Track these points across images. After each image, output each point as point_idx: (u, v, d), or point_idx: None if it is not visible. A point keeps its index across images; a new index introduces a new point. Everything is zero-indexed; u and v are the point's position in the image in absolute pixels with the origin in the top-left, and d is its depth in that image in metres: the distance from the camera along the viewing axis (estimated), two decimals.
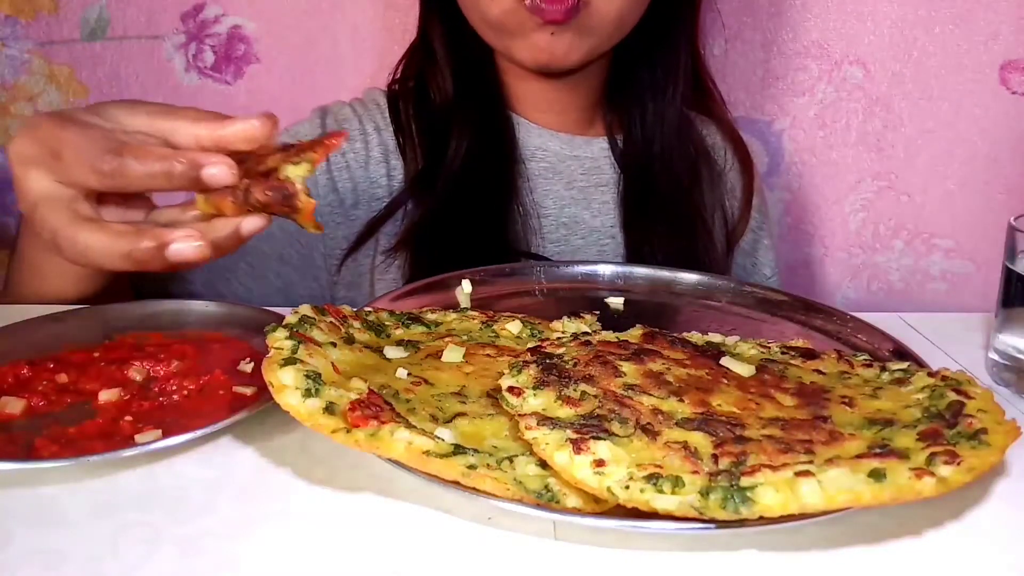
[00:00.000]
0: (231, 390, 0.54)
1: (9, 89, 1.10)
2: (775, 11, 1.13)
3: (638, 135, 0.93)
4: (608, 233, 0.93)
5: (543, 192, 0.92)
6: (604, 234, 0.93)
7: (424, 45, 0.92)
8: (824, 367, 0.57)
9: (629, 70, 0.92)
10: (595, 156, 0.94)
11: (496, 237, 0.87)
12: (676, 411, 0.48)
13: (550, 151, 0.93)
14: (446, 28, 0.90)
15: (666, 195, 0.92)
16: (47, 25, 1.08)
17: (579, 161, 0.94)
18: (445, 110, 0.89)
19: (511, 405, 0.48)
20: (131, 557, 0.41)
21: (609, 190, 0.94)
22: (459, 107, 0.89)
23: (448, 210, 0.86)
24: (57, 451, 0.47)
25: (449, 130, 0.88)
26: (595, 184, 0.94)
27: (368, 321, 0.60)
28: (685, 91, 0.94)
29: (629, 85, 0.93)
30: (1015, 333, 0.61)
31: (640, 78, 0.92)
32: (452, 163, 0.87)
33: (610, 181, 0.94)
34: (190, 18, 1.11)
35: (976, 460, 0.41)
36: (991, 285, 0.65)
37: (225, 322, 0.64)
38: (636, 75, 0.92)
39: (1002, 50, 1.11)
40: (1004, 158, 1.16)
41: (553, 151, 0.93)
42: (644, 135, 0.93)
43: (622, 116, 0.95)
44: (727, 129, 1.00)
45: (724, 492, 0.40)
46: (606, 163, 0.94)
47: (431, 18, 0.91)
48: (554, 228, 0.91)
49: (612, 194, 0.94)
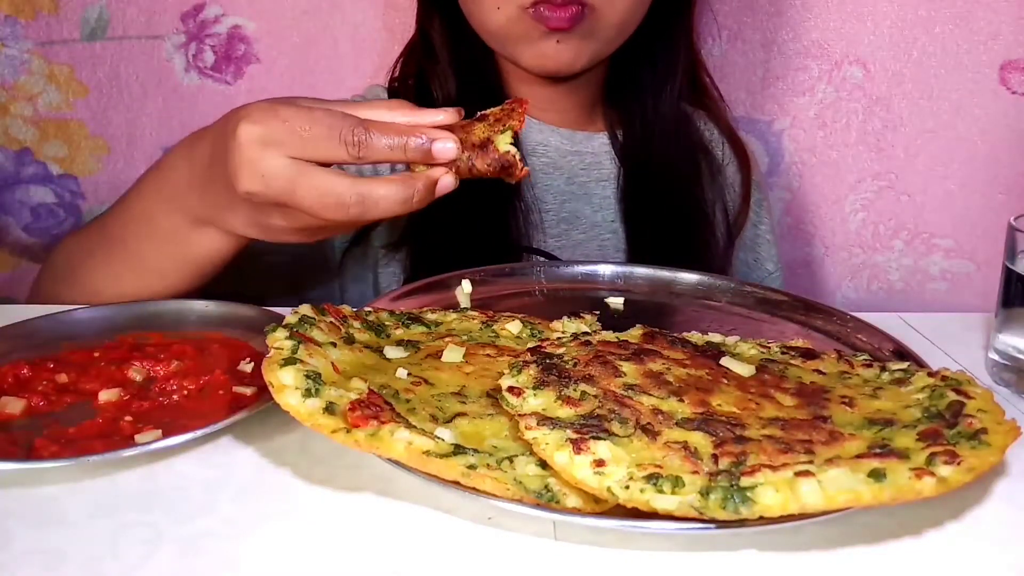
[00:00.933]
0: (231, 390, 0.54)
1: (9, 89, 1.09)
2: (775, 11, 1.12)
3: (637, 130, 0.94)
4: (609, 228, 0.93)
5: (544, 187, 0.92)
6: (605, 228, 0.93)
7: (424, 43, 0.92)
8: (824, 367, 0.57)
9: (628, 67, 0.92)
10: (595, 151, 0.95)
11: (497, 232, 0.87)
12: (676, 411, 0.48)
13: (551, 147, 0.93)
14: (446, 26, 0.90)
15: (666, 189, 0.92)
16: (47, 25, 1.08)
17: (580, 156, 0.94)
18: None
19: (511, 405, 0.47)
20: (131, 557, 0.41)
21: (610, 185, 0.94)
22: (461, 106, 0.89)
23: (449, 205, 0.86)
24: (57, 451, 0.47)
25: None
26: (596, 179, 0.94)
27: (368, 321, 0.60)
28: (683, 87, 0.94)
29: (628, 82, 0.93)
30: (1015, 333, 0.61)
31: (639, 75, 0.93)
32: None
33: (611, 176, 0.94)
34: (190, 18, 1.10)
35: (976, 460, 0.41)
36: (991, 285, 0.65)
37: (226, 322, 0.64)
38: (635, 72, 0.93)
39: (1002, 50, 1.11)
40: (1004, 158, 1.16)
41: (554, 147, 0.93)
42: (643, 130, 0.93)
43: (622, 112, 0.95)
44: (723, 124, 1.01)
45: (724, 492, 0.40)
46: (607, 158, 0.95)
47: (430, 16, 0.91)
48: (555, 223, 0.92)
49: (612, 189, 0.94)
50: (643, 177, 0.93)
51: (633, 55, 0.91)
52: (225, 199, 0.61)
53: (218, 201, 0.63)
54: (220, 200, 0.62)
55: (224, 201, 0.62)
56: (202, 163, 0.63)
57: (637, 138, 0.94)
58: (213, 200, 0.63)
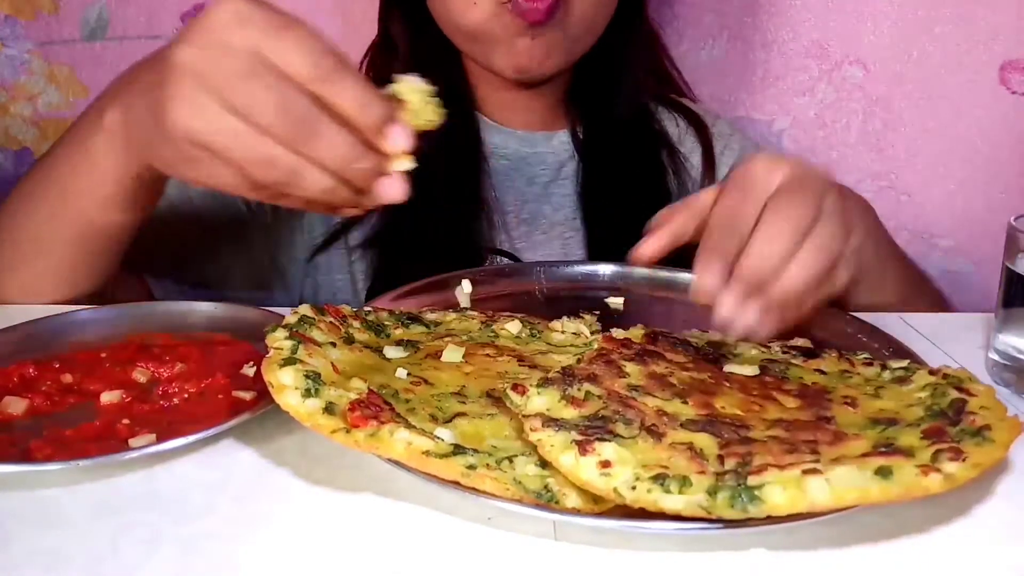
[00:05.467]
0: (231, 394, 0.54)
1: (9, 89, 1.09)
2: (775, 11, 1.12)
3: (597, 126, 0.94)
4: (571, 226, 0.93)
5: (504, 189, 0.92)
6: (567, 227, 0.93)
7: (386, 43, 0.92)
8: (825, 366, 0.57)
9: (589, 63, 0.92)
10: (556, 151, 0.95)
11: (460, 234, 0.87)
12: (680, 413, 0.47)
13: (510, 148, 0.93)
14: (407, 25, 0.90)
15: (626, 185, 0.92)
16: (47, 25, 1.08)
17: (539, 157, 0.94)
18: None
19: (515, 403, 0.47)
20: (131, 557, 0.41)
21: (570, 183, 0.94)
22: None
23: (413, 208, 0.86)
24: (51, 454, 0.47)
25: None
26: (556, 179, 0.94)
27: (368, 321, 0.60)
28: (644, 80, 0.94)
29: (590, 79, 0.93)
30: (1015, 333, 0.61)
31: (600, 71, 0.93)
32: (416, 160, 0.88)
33: (571, 174, 0.94)
34: (190, 18, 1.10)
35: (981, 456, 0.41)
36: (991, 285, 0.65)
37: (231, 324, 0.64)
38: (596, 69, 0.92)
39: (1002, 50, 1.11)
40: (1004, 158, 1.16)
41: (513, 149, 0.94)
42: (603, 126, 0.93)
43: (583, 109, 0.95)
44: (687, 114, 1.00)
45: (732, 491, 0.39)
46: (567, 156, 0.95)
47: (392, 16, 0.91)
48: (516, 224, 0.92)
49: (572, 187, 0.94)
50: (603, 173, 0.93)
51: (594, 52, 0.91)
52: (152, 127, 0.53)
53: (145, 130, 0.55)
54: (148, 128, 0.54)
55: (151, 130, 0.54)
56: (141, 86, 0.57)
57: (597, 134, 0.94)
58: (142, 129, 0.57)
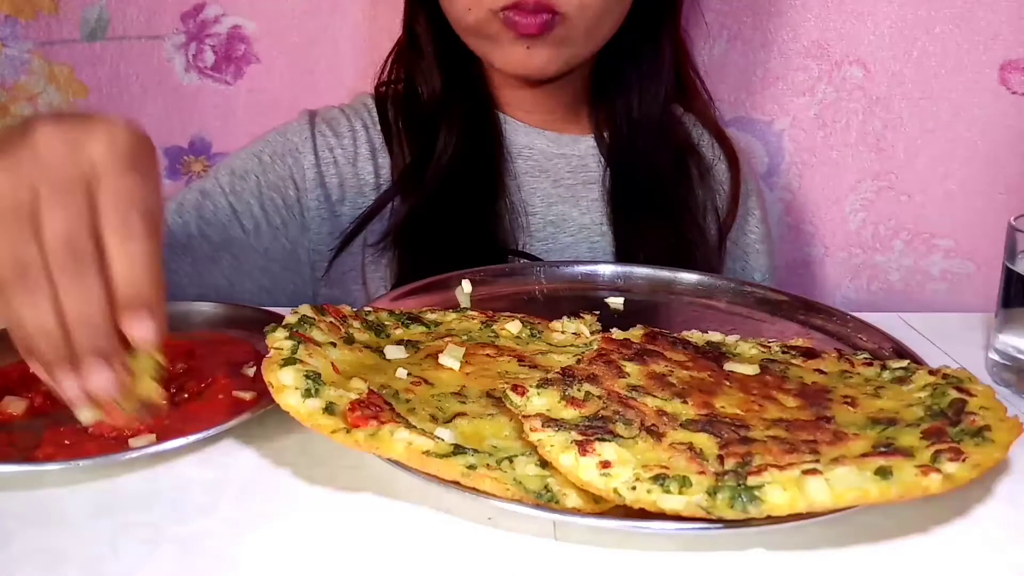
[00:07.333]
0: (231, 394, 0.54)
1: (9, 89, 1.09)
2: (775, 11, 1.12)
3: (624, 131, 0.93)
4: (597, 230, 0.93)
5: (530, 190, 0.92)
6: (593, 231, 0.93)
7: (410, 40, 0.92)
8: (825, 366, 0.57)
9: (614, 67, 0.92)
10: (582, 154, 0.95)
11: (483, 234, 0.86)
12: (680, 413, 0.48)
13: (536, 149, 0.93)
14: (432, 25, 0.90)
15: (653, 190, 0.92)
16: (47, 25, 1.08)
17: (566, 159, 0.94)
18: (433, 107, 0.90)
19: (515, 404, 0.47)
20: (131, 557, 0.41)
21: (597, 187, 0.94)
22: (447, 104, 0.89)
23: (435, 207, 0.86)
24: (52, 453, 0.47)
25: (437, 127, 0.88)
26: (583, 182, 0.94)
27: (368, 321, 0.60)
28: (669, 87, 0.94)
29: (614, 82, 0.93)
30: (1015, 333, 0.61)
31: (625, 75, 0.92)
32: (440, 160, 0.87)
33: (598, 178, 0.94)
34: (190, 18, 1.10)
35: (981, 456, 0.41)
36: (991, 285, 0.65)
37: (233, 324, 0.64)
38: (621, 72, 0.92)
39: (1002, 50, 1.11)
40: (1004, 158, 1.15)
41: (539, 149, 0.93)
42: (629, 131, 0.93)
43: (608, 113, 0.95)
44: (711, 124, 1.00)
45: (732, 491, 0.40)
46: (593, 160, 0.94)
47: (417, 14, 0.91)
48: (541, 226, 0.91)
49: (600, 191, 0.94)
50: (630, 179, 0.92)
51: (619, 55, 0.90)
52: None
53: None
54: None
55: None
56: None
57: (623, 139, 0.93)
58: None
